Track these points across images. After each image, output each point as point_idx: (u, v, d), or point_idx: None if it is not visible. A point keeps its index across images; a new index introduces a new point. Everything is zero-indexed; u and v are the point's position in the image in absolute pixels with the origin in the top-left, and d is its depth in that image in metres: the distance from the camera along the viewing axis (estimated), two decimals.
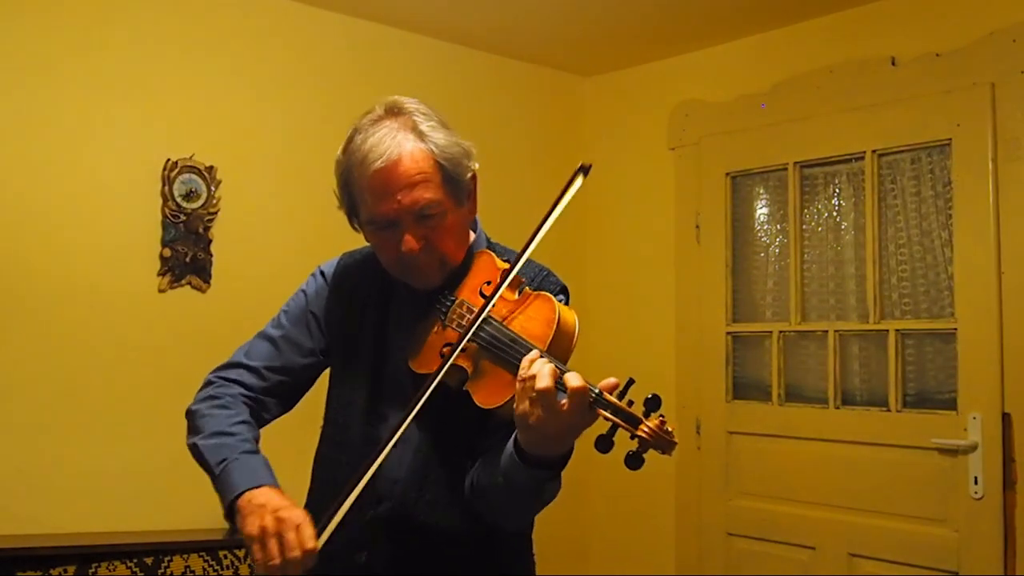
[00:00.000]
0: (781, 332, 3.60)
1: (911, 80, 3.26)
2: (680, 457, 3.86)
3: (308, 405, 1.81)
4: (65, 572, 2.65)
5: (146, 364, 3.08)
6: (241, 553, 2.92)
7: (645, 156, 4.11)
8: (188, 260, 3.17)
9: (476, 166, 1.63)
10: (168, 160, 3.15)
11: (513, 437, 1.42)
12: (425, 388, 1.46)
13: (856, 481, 3.33)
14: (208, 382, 1.72)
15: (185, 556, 2.83)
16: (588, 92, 4.36)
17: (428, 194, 1.54)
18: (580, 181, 1.50)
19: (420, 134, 1.56)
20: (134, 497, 3.02)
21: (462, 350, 1.47)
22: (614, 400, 1.32)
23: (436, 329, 1.58)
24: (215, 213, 3.24)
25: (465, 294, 1.58)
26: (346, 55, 3.60)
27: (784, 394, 3.59)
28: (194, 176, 3.20)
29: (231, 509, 1.50)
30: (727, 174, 3.80)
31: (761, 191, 3.77)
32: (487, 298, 1.49)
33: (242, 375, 1.70)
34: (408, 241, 1.54)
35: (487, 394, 1.45)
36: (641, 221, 4.12)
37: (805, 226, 3.60)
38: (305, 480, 1.77)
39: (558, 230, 1.51)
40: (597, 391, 1.33)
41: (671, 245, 3.98)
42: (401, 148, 1.54)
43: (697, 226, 3.88)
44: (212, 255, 3.23)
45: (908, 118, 3.26)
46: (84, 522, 2.93)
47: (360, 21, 3.62)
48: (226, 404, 1.65)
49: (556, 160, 4.25)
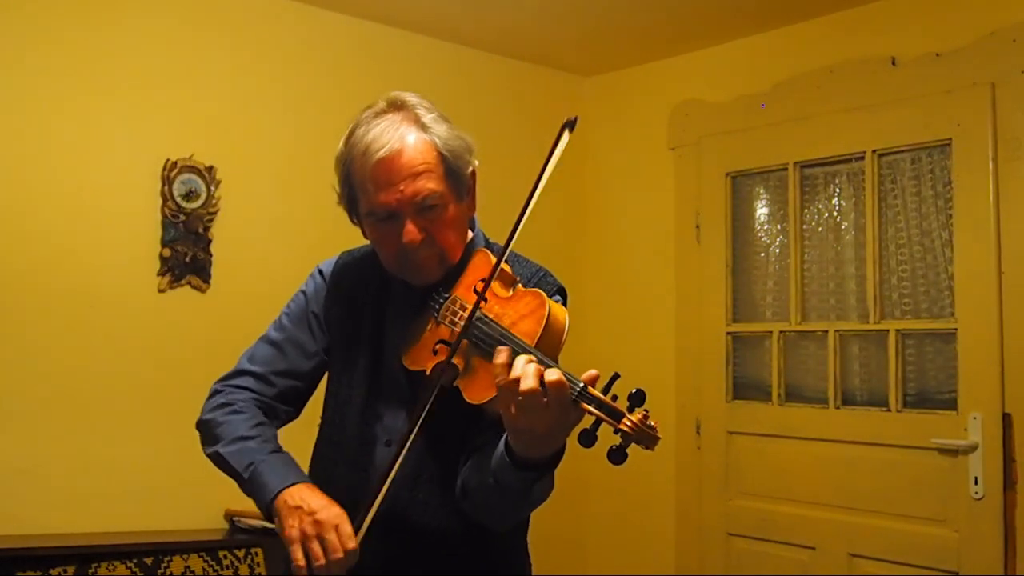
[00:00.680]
0: (781, 332, 3.60)
1: (911, 80, 3.26)
2: (680, 457, 3.86)
3: (308, 404, 1.81)
4: (65, 572, 2.65)
5: (146, 364, 3.08)
6: (241, 553, 2.92)
7: (645, 156, 4.10)
8: (188, 260, 3.18)
9: (476, 163, 1.63)
10: (168, 160, 3.16)
11: (504, 439, 1.42)
12: (427, 394, 1.45)
13: (856, 481, 3.33)
14: (215, 391, 1.70)
15: (185, 556, 2.83)
16: (588, 92, 4.36)
17: (431, 184, 1.53)
18: (567, 137, 1.49)
19: (423, 126, 1.56)
20: (134, 497, 3.03)
21: (456, 347, 1.47)
22: (597, 394, 1.32)
23: (430, 326, 1.58)
24: (215, 213, 3.24)
25: (460, 291, 1.57)
26: (346, 55, 3.60)
27: (784, 394, 3.59)
28: (194, 176, 3.20)
29: (268, 512, 1.51)
30: (727, 174, 3.80)
31: (761, 191, 3.77)
32: (478, 294, 1.49)
33: (249, 382, 1.69)
34: (410, 231, 1.53)
35: (477, 389, 1.44)
36: (641, 221, 4.12)
37: (805, 226, 3.60)
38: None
39: (558, 230, 1.51)
40: (581, 385, 1.32)
41: (671, 245, 3.98)
42: (404, 139, 1.53)
43: (697, 226, 3.88)
44: (212, 255, 3.23)
45: (908, 118, 3.26)
46: (84, 522, 2.93)
47: (360, 21, 3.62)
48: (240, 409, 1.64)
49: (556, 160, 4.24)
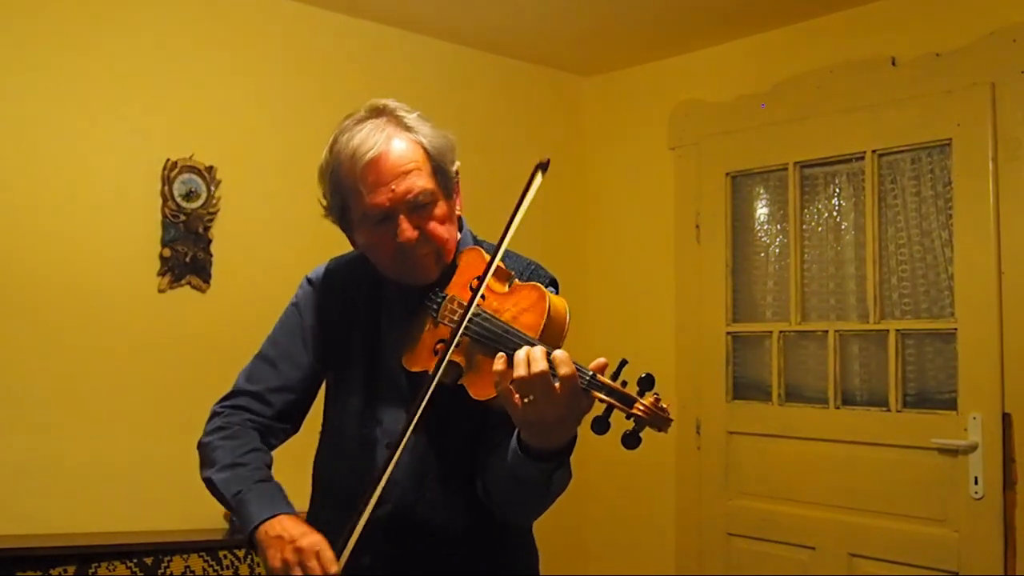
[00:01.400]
0: (781, 332, 3.60)
1: (911, 80, 3.26)
2: (680, 457, 3.86)
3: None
4: (65, 572, 2.65)
5: (146, 364, 3.08)
6: (241, 553, 2.92)
7: (645, 156, 4.10)
8: (188, 260, 3.17)
9: (459, 162, 1.64)
10: (168, 160, 3.15)
11: (516, 433, 1.42)
12: (424, 391, 1.45)
13: (856, 481, 3.33)
14: (215, 413, 1.71)
15: (185, 556, 2.83)
16: (588, 92, 4.36)
17: (421, 182, 1.55)
18: (540, 179, 1.51)
19: (406, 127, 1.59)
20: (134, 497, 3.02)
21: (456, 345, 1.47)
22: (608, 381, 1.33)
23: (428, 327, 1.58)
24: (215, 213, 3.24)
25: (455, 290, 1.58)
26: (346, 55, 3.60)
27: (784, 394, 3.59)
28: (194, 176, 3.20)
29: (251, 542, 1.51)
30: (727, 174, 3.80)
31: (761, 191, 3.77)
32: (474, 290, 1.49)
33: (247, 402, 1.70)
34: (406, 229, 1.54)
35: (482, 386, 1.44)
36: (641, 221, 4.11)
37: (805, 226, 3.60)
38: (306, 483, 1.77)
39: (559, 230, 1.51)
40: (590, 374, 1.33)
41: (671, 245, 3.98)
42: (390, 139, 1.56)
43: (697, 226, 3.88)
44: (212, 255, 3.23)
45: (908, 118, 3.26)
46: (84, 522, 2.93)
47: (360, 21, 3.62)
48: (234, 434, 1.65)
49: (556, 160, 4.23)
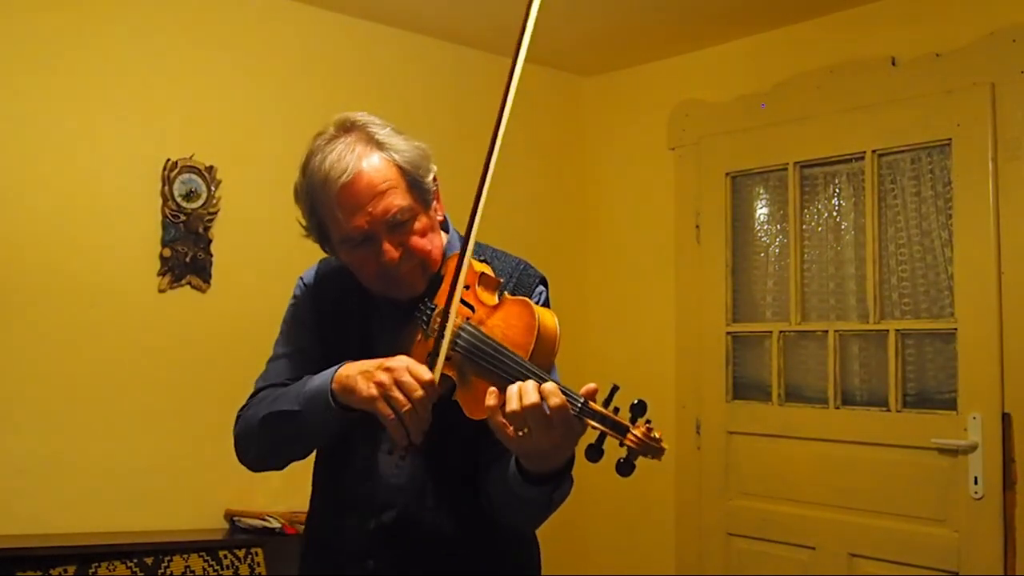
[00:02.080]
0: (781, 332, 3.60)
1: (911, 80, 3.26)
2: (680, 457, 3.86)
3: None
4: (65, 572, 2.65)
5: (146, 364, 3.08)
6: (241, 553, 2.92)
7: (645, 156, 4.10)
8: (188, 260, 3.17)
9: (435, 167, 1.62)
10: (168, 160, 3.15)
11: (514, 458, 1.43)
12: (435, 412, 1.45)
13: (856, 481, 3.33)
14: (238, 417, 1.68)
15: (185, 556, 2.83)
16: (588, 92, 4.36)
17: (398, 201, 1.53)
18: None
19: (378, 143, 1.56)
20: (134, 497, 3.02)
21: (447, 359, 1.47)
22: (599, 409, 1.32)
23: (419, 338, 1.58)
24: (215, 213, 3.24)
25: (444, 301, 1.56)
26: (346, 55, 3.60)
27: (784, 394, 3.59)
28: (194, 176, 3.20)
29: (340, 406, 1.48)
30: (727, 174, 3.80)
31: (761, 191, 3.77)
32: (461, 301, 1.49)
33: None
34: (389, 251, 1.53)
35: (475, 406, 1.44)
36: (641, 221, 4.11)
37: (805, 226, 3.60)
38: (306, 486, 1.77)
39: (558, 230, 1.51)
40: (581, 401, 1.33)
41: (671, 245, 3.97)
42: (361, 160, 1.53)
43: (697, 226, 3.88)
44: (212, 255, 3.23)
45: (908, 118, 3.26)
46: (84, 522, 2.93)
47: (360, 21, 3.62)
48: (265, 396, 1.63)
49: (556, 160, 4.25)
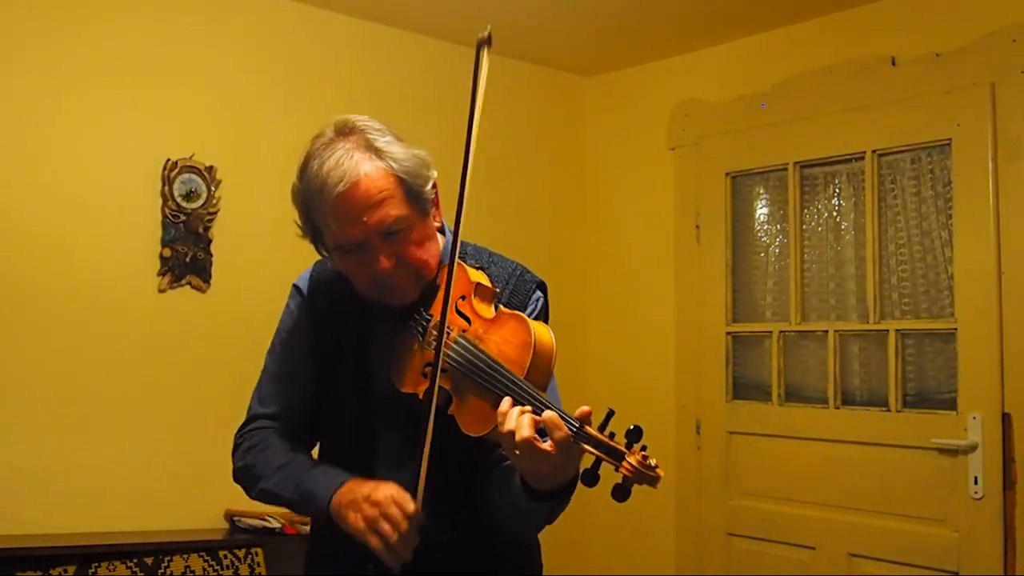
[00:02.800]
0: (781, 332, 3.60)
1: (911, 80, 3.26)
2: (680, 457, 3.85)
3: None
4: (65, 572, 2.65)
5: (146, 364, 3.08)
6: (241, 553, 2.92)
7: (645, 156, 4.10)
8: (188, 260, 3.17)
9: (435, 174, 1.61)
10: (168, 160, 3.15)
11: (519, 473, 1.44)
12: (427, 420, 1.46)
13: (856, 481, 3.33)
14: (238, 443, 1.71)
15: (185, 556, 2.83)
16: (588, 92, 4.36)
17: (393, 211, 1.51)
18: (487, 57, 1.45)
19: (376, 151, 1.54)
20: (134, 497, 3.02)
21: (442, 371, 1.47)
22: (595, 434, 1.32)
23: (416, 348, 1.57)
24: (215, 213, 3.24)
25: (440, 311, 1.55)
26: (346, 55, 3.60)
27: (784, 394, 3.59)
28: (194, 176, 3.20)
29: (329, 520, 1.53)
30: (727, 174, 3.80)
31: (761, 191, 3.77)
32: (457, 312, 1.49)
33: (266, 424, 1.70)
34: (381, 262, 1.52)
35: (471, 423, 1.45)
36: (641, 221, 4.11)
37: (805, 226, 3.60)
38: None
39: (558, 231, 1.51)
40: (577, 426, 1.33)
41: (671, 245, 3.97)
42: (359, 169, 1.51)
43: (697, 226, 3.88)
44: (212, 255, 3.23)
45: (908, 118, 3.26)
46: (84, 522, 2.93)
47: (360, 21, 3.62)
48: (268, 446, 1.66)
49: (556, 160, 4.25)
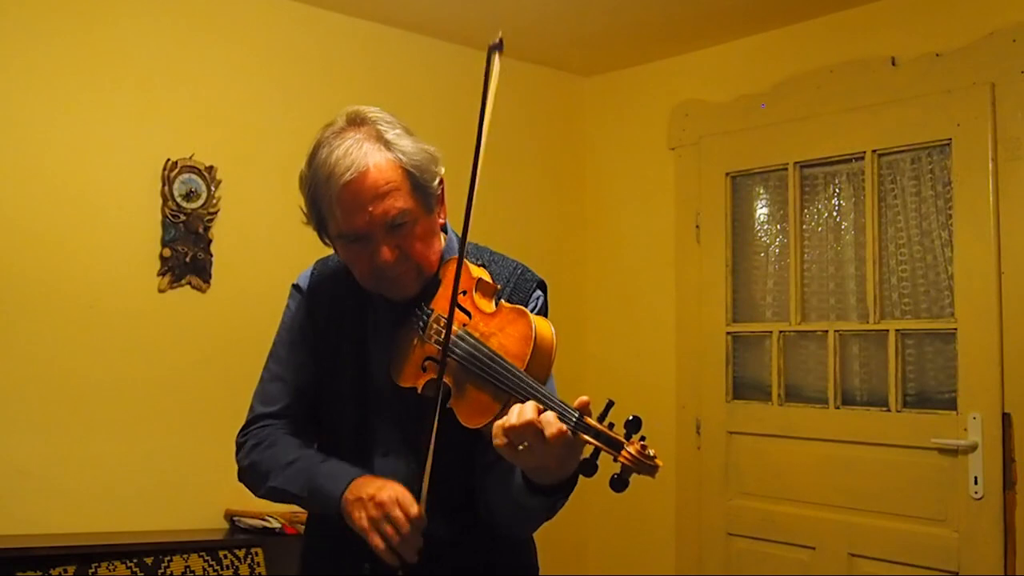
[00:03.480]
0: (781, 332, 3.60)
1: (911, 80, 3.26)
2: (680, 457, 3.86)
3: None
4: (65, 572, 2.65)
5: (146, 364, 3.08)
6: (241, 553, 2.92)
7: (645, 156, 4.10)
8: (188, 260, 3.17)
9: (443, 171, 1.61)
10: (168, 160, 3.15)
11: (519, 469, 1.44)
12: (432, 415, 1.46)
13: (856, 481, 3.33)
14: (241, 442, 1.71)
15: (185, 556, 2.83)
16: (588, 92, 4.36)
17: (399, 203, 1.52)
18: (498, 61, 1.45)
19: (386, 143, 1.54)
20: (134, 497, 3.03)
21: (443, 364, 1.48)
22: (595, 424, 1.32)
23: (415, 343, 1.57)
24: (215, 213, 3.24)
25: (440, 307, 1.56)
26: (346, 55, 3.60)
27: (784, 394, 3.59)
28: (194, 176, 3.20)
29: (340, 516, 1.53)
30: (727, 174, 3.80)
31: (761, 191, 3.77)
32: (461, 308, 1.50)
33: (267, 422, 1.70)
34: (384, 253, 1.53)
35: (470, 414, 1.45)
36: (641, 221, 4.11)
37: (805, 226, 3.60)
38: None
39: (558, 230, 1.51)
40: (576, 416, 1.33)
41: (671, 245, 3.97)
42: (368, 159, 1.52)
43: (697, 226, 3.88)
44: (212, 255, 3.23)
45: (908, 118, 3.26)
46: (84, 522, 2.93)
47: (361, 21, 3.62)
48: (273, 443, 1.66)
49: (556, 160, 4.25)
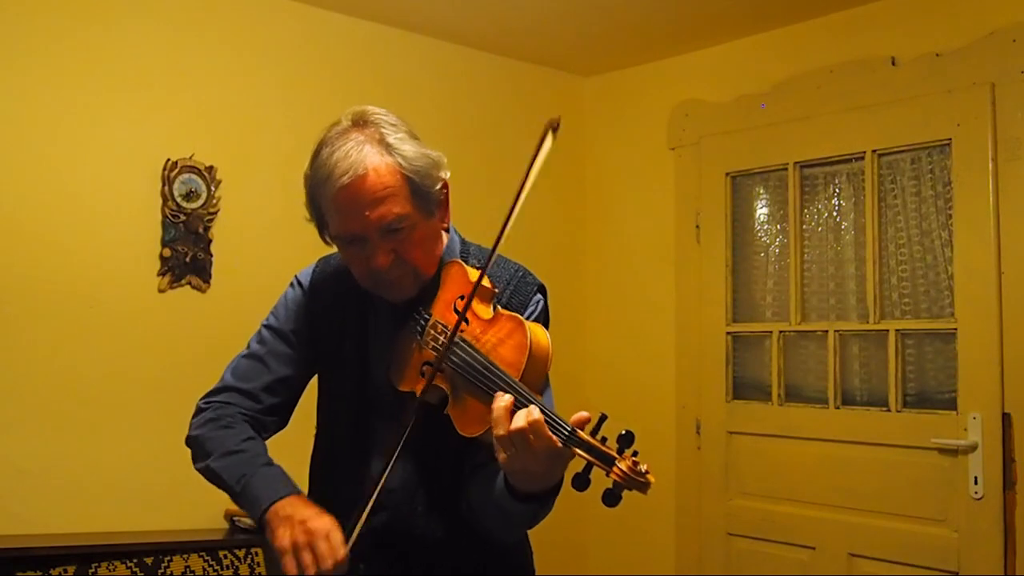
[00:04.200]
0: (781, 332, 3.60)
1: (911, 80, 3.26)
2: (680, 457, 3.86)
3: (304, 410, 1.80)
4: (65, 572, 2.65)
5: (146, 364, 3.08)
6: (241, 553, 2.92)
7: (645, 156, 4.10)
8: (188, 260, 3.17)
9: (447, 175, 1.60)
10: (168, 160, 3.15)
11: (503, 474, 1.43)
12: (411, 415, 1.46)
13: (856, 481, 3.33)
14: (201, 408, 1.70)
15: (185, 556, 2.83)
16: (588, 92, 4.36)
17: (396, 209, 1.51)
18: (551, 140, 1.48)
19: (387, 147, 1.53)
20: (134, 497, 3.03)
21: (439, 371, 1.48)
22: (586, 438, 1.32)
23: (414, 346, 1.57)
24: (215, 213, 3.24)
25: (439, 311, 1.56)
26: (346, 55, 3.60)
27: (784, 394, 3.59)
28: (194, 176, 3.20)
29: (260, 523, 1.51)
30: (727, 174, 3.80)
31: (761, 191, 3.77)
32: (459, 314, 1.49)
33: (235, 398, 1.69)
34: (379, 257, 1.52)
35: (465, 423, 1.45)
36: (641, 221, 4.11)
37: (805, 226, 3.60)
38: (303, 481, 1.77)
39: (558, 231, 1.51)
40: (569, 429, 1.32)
41: (671, 245, 3.98)
42: (367, 162, 1.50)
43: (697, 226, 3.88)
44: (212, 255, 3.23)
45: (908, 118, 3.26)
46: (84, 522, 2.93)
47: (360, 21, 3.62)
48: (228, 424, 1.64)
49: (556, 160, 4.24)
